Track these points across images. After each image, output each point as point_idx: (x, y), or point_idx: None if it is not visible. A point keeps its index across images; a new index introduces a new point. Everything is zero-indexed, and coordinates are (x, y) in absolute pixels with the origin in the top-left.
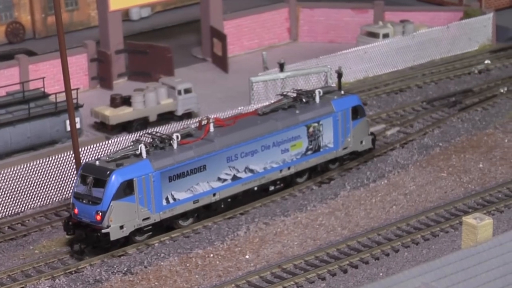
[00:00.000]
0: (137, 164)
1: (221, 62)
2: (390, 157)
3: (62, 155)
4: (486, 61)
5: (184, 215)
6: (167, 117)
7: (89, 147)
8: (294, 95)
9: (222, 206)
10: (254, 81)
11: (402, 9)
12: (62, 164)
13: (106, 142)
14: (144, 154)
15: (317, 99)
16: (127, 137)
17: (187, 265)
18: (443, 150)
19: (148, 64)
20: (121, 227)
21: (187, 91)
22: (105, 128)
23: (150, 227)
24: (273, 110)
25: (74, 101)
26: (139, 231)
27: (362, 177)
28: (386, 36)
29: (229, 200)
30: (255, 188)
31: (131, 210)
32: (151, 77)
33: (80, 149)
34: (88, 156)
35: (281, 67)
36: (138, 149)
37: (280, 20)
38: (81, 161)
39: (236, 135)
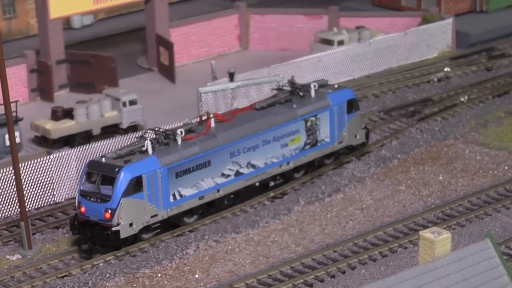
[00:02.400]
0: (145, 160)
1: (168, 72)
2: (346, 170)
3: (1, 172)
4: (446, 69)
5: (190, 212)
6: (111, 130)
7: (29, 162)
8: (289, 89)
9: (226, 202)
10: (202, 92)
11: (358, 15)
12: (1, 181)
13: (48, 157)
14: (150, 150)
15: (313, 93)
16: (69, 151)
17: (134, 285)
18: (401, 162)
19: (91, 74)
20: (131, 224)
21: (132, 102)
22: (46, 142)
23: (158, 224)
24: (270, 105)
25: (13, 114)
26: (146, 228)
27: (316, 191)
28: (341, 43)
29: (231, 196)
30: (257, 184)
31: (140, 207)
32: (94, 89)
33: (20, 165)
34: (29, 173)
35: (231, 76)
36: (143, 145)
37: (230, 27)
38: (21, 177)
39: (238, 130)
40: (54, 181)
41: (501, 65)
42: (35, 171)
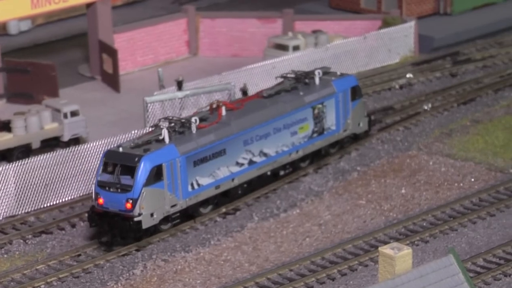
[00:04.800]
0: (164, 149)
1: (112, 81)
2: (303, 183)
3: None
4: (408, 75)
5: (206, 202)
6: (52, 143)
7: None
8: (294, 76)
9: (240, 192)
10: (149, 101)
11: (314, 18)
12: None
13: None
14: (167, 139)
15: (317, 80)
16: (7, 167)
17: None
18: (361, 175)
19: (30, 84)
20: (152, 215)
21: (74, 114)
22: None
23: (178, 214)
24: (277, 92)
25: None
26: (165, 219)
27: (271, 207)
28: (296, 48)
29: (245, 185)
30: (268, 173)
31: (161, 196)
32: (33, 99)
33: None
34: None
35: (179, 85)
36: (159, 134)
37: (178, 32)
38: None
39: (250, 118)
40: None
41: (467, 71)
42: None
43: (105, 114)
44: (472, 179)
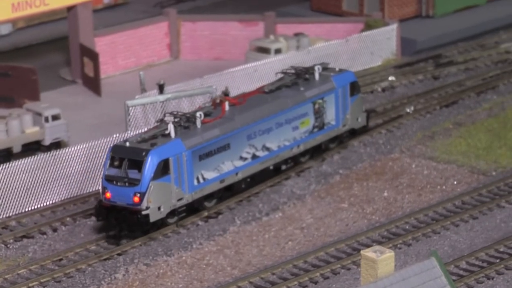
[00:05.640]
0: (170, 143)
1: (93, 84)
2: (285, 187)
3: None
4: (390, 78)
5: (211, 196)
6: (33, 147)
7: None
8: (293, 71)
9: (243, 186)
10: (130, 105)
11: (296, 21)
12: None
13: None
14: (173, 133)
15: (317, 76)
16: None
17: None
18: (343, 178)
19: (10, 87)
20: (159, 208)
21: (55, 117)
22: None
23: (184, 207)
24: (278, 88)
25: None
26: (172, 213)
27: (253, 210)
28: (278, 51)
29: (248, 180)
30: (271, 167)
31: (168, 190)
32: (14, 103)
33: None
34: None
35: (161, 88)
36: (165, 129)
37: (159, 35)
38: None
39: (253, 113)
40: None
41: (449, 73)
42: None
43: (87, 117)
44: (455, 182)
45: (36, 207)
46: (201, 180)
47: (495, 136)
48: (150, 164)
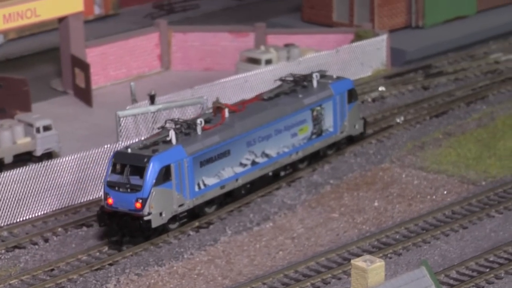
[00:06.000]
0: (172, 149)
1: (84, 95)
2: (276, 197)
3: None
4: (381, 88)
5: (211, 202)
6: (24, 158)
7: None
8: (291, 79)
9: (243, 192)
10: (121, 116)
11: (286, 32)
12: None
13: None
14: (174, 140)
15: (315, 83)
16: None
17: None
18: (334, 188)
19: (2, 98)
20: (160, 214)
21: (46, 128)
22: None
23: (185, 213)
24: (277, 95)
25: None
26: (173, 218)
27: (244, 220)
28: (269, 62)
29: (248, 185)
30: (270, 173)
31: (169, 196)
32: (6, 113)
33: None
34: None
35: (152, 99)
36: (166, 136)
37: (150, 46)
38: None
39: (252, 120)
40: None
41: (439, 84)
42: None
43: (78, 128)
44: (445, 192)
45: (27, 217)
46: (202, 186)
47: (484, 146)
48: (152, 170)
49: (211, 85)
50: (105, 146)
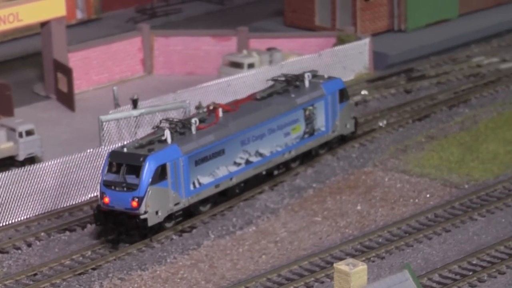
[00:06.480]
0: (167, 149)
1: (67, 100)
2: (258, 201)
3: None
4: (363, 92)
5: (206, 200)
6: (7, 163)
7: None
8: (284, 79)
9: (237, 191)
10: (104, 120)
11: (269, 36)
12: None
13: None
14: (169, 139)
15: (307, 83)
16: None
17: None
18: (317, 191)
19: None
20: (156, 212)
21: (29, 133)
22: None
23: (181, 212)
24: (270, 95)
25: None
26: (169, 217)
27: (227, 224)
28: (251, 66)
29: (242, 184)
30: (264, 172)
31: (165, 195)
32: None
33: None
34: None
35: (135, 103)
36: (162, 135)
37: (132, 50)
38: None
39: (246, 119)
40: None
41: (421, 87)
42: None
43: (60, 133)
44: (428, 195)
45: (10, 222)
46: (197, 185)
47: (467, 150)
48: (148, 169)
49: (193, 89)
50: (88, 151)
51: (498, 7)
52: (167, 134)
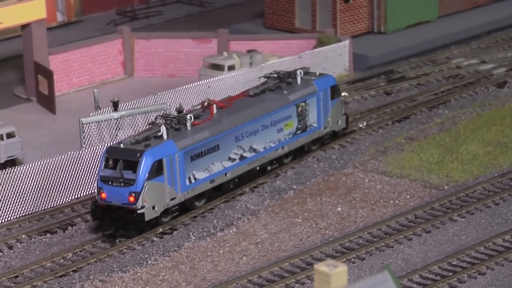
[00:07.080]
0: (163, 144)
1: (48, 102)
2: (239, 202)
3: None
4: (343, 93)
5: (201, 195)
6: None
7: None
8: (276, 76)
9: (231, 186)
10: (85, 122)
11: (249, 38)
12: None
13: None
14: (165, 135)
15: (299, 80)
16: None
17: None
18: (297, 193)
19: None
20: (153, 207)
21: (9, 135)
22: None
23: (177, 207)
24: (263, 91)
25: None
26: (165, 212)
27: (208, 226)
28: (231, 68)
29: (236, 180)
30: (257, 168)
31: (161, 190)
32: None
33: None
34: None
35: (115, 105)
36: (158, 131)
37: (113, 53)
38: None
39: (240, 115)
40: None
41: (401, 89)
42: None
43: (41, 135)
44: (408, 196)
45: None
46: (193, 180)
47: (447, 151)
48: (145, 164)
49: (174, 91)
50: (69, 153)
51: (477, 9)
52: (163, 130)
